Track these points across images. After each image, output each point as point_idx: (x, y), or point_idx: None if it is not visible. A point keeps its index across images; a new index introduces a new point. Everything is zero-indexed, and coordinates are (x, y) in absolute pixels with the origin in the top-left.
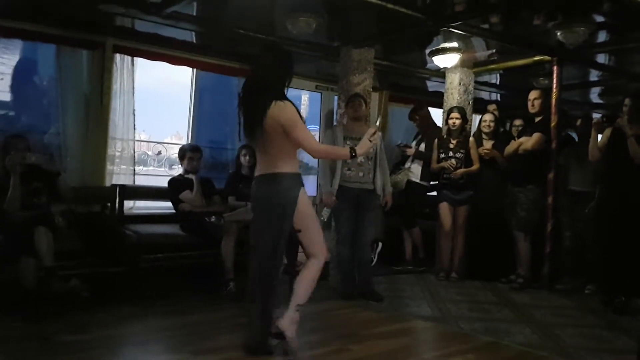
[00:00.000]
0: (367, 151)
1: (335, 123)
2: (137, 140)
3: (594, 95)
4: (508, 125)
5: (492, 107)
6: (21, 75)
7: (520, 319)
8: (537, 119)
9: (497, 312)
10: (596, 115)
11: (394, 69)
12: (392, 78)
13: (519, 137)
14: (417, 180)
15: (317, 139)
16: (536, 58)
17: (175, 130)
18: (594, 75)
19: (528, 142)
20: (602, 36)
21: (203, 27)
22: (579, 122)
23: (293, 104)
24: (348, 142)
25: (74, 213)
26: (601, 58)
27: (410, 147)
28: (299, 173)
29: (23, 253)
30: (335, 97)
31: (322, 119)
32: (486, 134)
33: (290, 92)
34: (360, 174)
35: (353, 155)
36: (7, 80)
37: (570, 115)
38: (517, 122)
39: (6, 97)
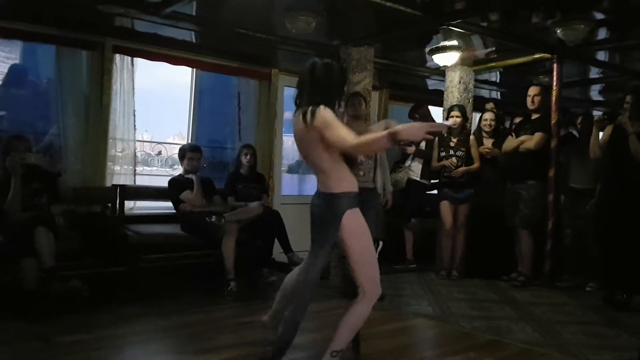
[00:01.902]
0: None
1: None
2: (138, 141)
3: (595, 92)
4: (508, 123)
5: (489, 105)
6: (21, 76)
7: (522, 316)
8: (534, 116)
9: (498, 310)
10: (597, 113)
11: (393, 67)
12: (392, 77)
13: (515, 132)
14: (418, 179)
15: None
16: (536, 56)
17: (177, 130)
18: (594, 73)
19: (530, 142)
20: (602, 33)
21: (202, 26)
22: (579, 119)
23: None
24: None
25: (74, 213)
26: (601, 55)
27: (411, 146)
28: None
29: (24, 254)
30: None
31: None
32: (487, 132)
33: (290, 92)
34: (361, 173)
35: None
36: (7, 81)
37: (571, 112)
38: (518, 119)
39: (6, 98)
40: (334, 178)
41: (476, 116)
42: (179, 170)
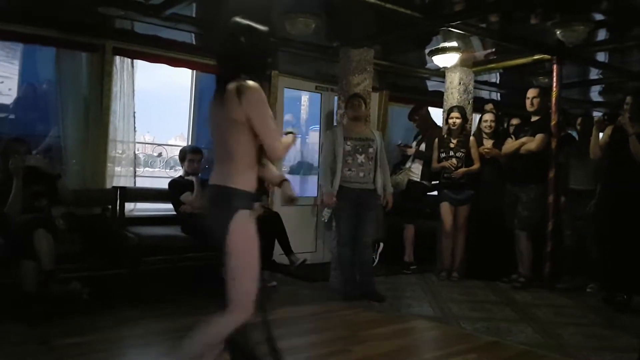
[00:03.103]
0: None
1: (335, 124)
2: (138, 142)
3: (595, 93)
4: (506, 124)
5: (489, 106)
6: (21, 79)
7: (522, 318)
8: (534, 118)
9: (498, 312)
10: (597, 114)
11: (393, 68)
12: (391, 78)
13: (514, 134)
14: (418, 180)
15: (318, 139)
16: (536, 57)
17: (179, 132)
18: (594, 74)
19: (531, 143)
20: (601, 34)
21: (202, 28)
22: (579, 120)
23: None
24: (348, 143)
25: (74, 216)
26: (601, 56)
27: (411, 147)
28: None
29: (23, 256)
30: (335, 98)
31: (322, 120)
32: (487, 133)
33: (290, 93)
34: (361, 174)
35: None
36: (7, 84)
37: (570, 114)
38: (514, 121)
39: (6, 100)
40: (238, 170)
41: (476, 117)
42: (179, 171)
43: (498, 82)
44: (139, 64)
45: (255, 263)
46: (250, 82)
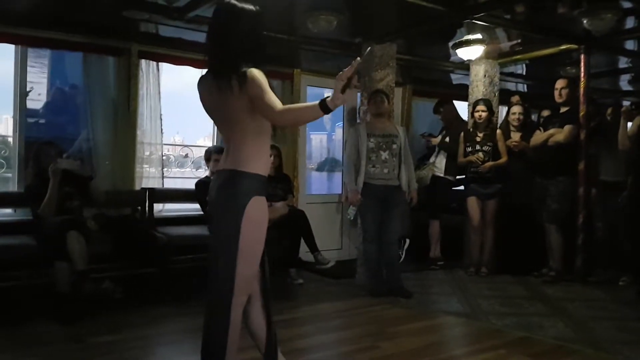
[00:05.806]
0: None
1: (358, 120)
2: (165, 144)
3: (624, 82)
4: (535, 116)
5: (515, 98)
6: (50, 84)
7: (553, 312)
8: (563, 109)
9: (529, 307)
10: (626, 103)
11: (417, 63)
12: (415, 72)
13: (543, 126)
14: (442, 175)
15: (342, 136)
16: (563, 47)
17: (207, 132)
18: (623, 62)
19: (560, 135)
20: (630, 22)
21: None
22: (609, 110)
23: None
24: (372, 140)
25: (105, 216)
26: (630, 44)
27: (435, 137)
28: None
29: (56, 257)
30: (359, 94)
31: (345, 117)
32: (515, 126)
33: (313, 90)
34: (385, 171)
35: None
36: (37, 89)
37: (600, 103)
38: (545, 112)
39: (36, 105)
40: (249, 155)
41: (502, 110)
42: (207, 171)
43: (524, 73)
44: (164, 66)
45: (259, 251)
46: (252, 70)
